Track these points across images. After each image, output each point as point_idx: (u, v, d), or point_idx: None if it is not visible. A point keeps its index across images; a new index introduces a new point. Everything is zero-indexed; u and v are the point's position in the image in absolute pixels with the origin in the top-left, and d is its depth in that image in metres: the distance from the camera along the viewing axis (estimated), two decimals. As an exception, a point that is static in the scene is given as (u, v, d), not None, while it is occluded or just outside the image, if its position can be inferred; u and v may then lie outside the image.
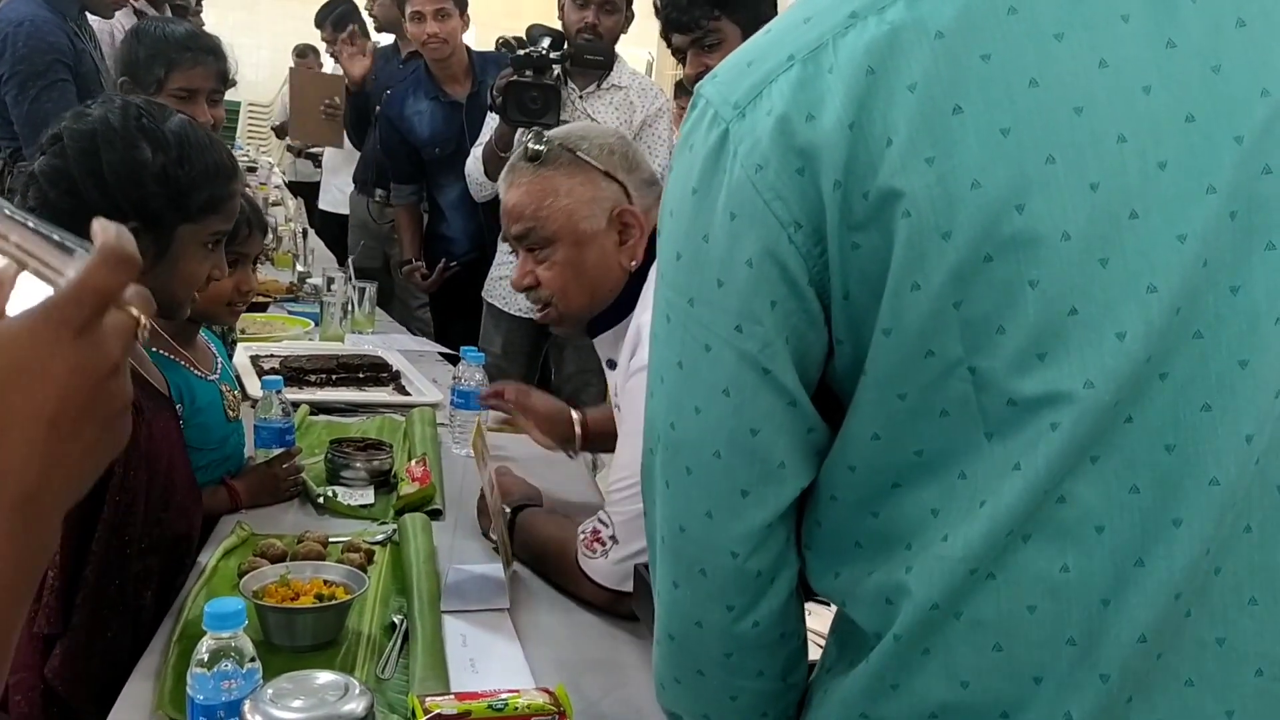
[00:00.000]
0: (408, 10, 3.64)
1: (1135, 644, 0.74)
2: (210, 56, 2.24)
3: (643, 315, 1.52)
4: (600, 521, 1.52)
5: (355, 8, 5.38)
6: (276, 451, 1.92)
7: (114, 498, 1.35)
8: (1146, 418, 0.72)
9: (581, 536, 1.54)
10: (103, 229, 0.54)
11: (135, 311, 0.56)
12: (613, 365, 1.67)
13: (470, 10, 3.74)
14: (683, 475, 0.82)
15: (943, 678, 0.78)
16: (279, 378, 2.04)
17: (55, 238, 0.54)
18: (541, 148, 1.57)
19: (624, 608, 1.50)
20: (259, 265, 4.09)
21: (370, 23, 4.99)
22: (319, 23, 5.56)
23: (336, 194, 5.14)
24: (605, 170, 1.57)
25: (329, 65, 5.95)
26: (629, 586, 1.48)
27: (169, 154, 1.42)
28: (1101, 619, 0.74)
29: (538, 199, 1.57)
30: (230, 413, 1.82)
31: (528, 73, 2.89)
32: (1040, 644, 0.75)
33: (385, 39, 4.90)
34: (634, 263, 1.58)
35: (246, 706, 0.98)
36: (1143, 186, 0.71)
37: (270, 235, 4.40)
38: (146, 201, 1.41)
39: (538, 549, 1.64)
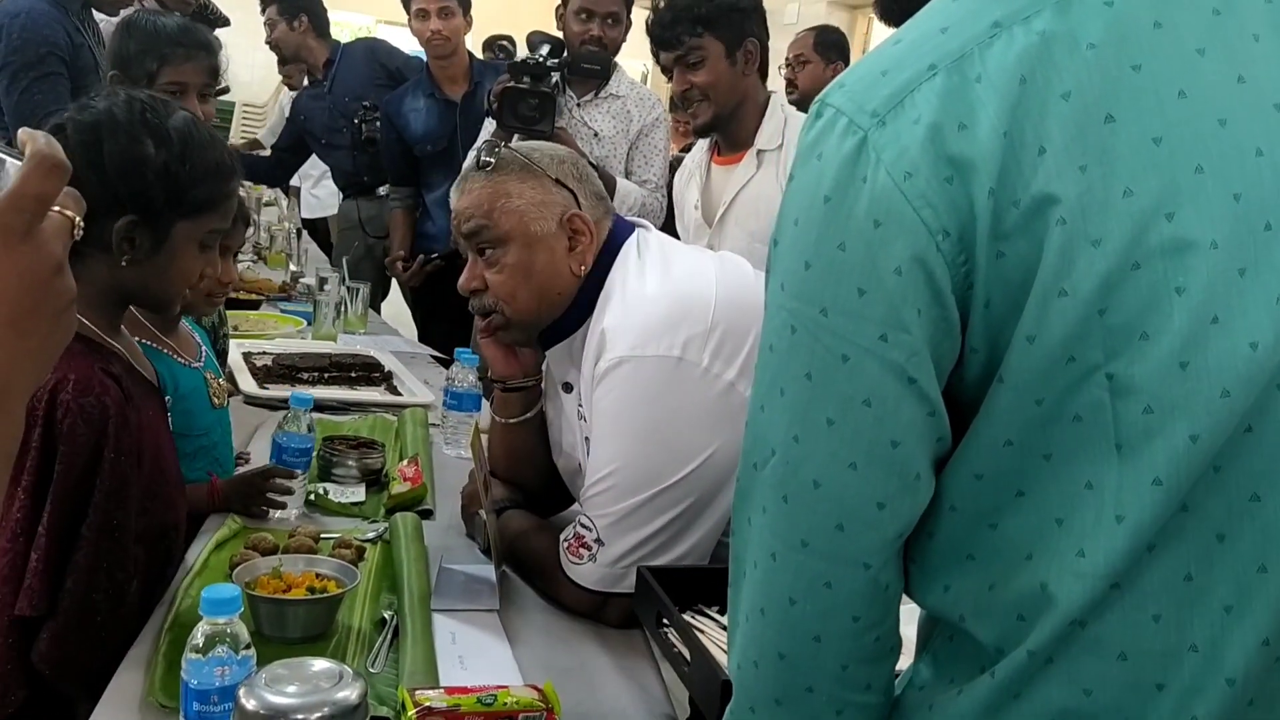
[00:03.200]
0: (412, 8, 3.68)
1: (1259, 648, 0.76)
2: (202, 52, 2.22)
3: (603, 321, 1.53)
4: (582, 526, 1.52)
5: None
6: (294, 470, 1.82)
7: (104, 483, 1.35)
8: (1264, 427, 0.74)
9: (564, 544, 1.54)
10: (31, 138, 0.59)
11: (70, 212, 0.61)
12: (569, 389, 1.66)
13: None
14: (807, 489, 0.80)
15: (1066, 686, 0.78)
16: (310, 395, 1.93)
17: None
18: (492, 158, 1.59)
19: (610, 613, 1.51)
20: (252, 263, 4.13)
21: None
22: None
23: (310, 199, 5.26)
24: (555, 177, 1.59)
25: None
26: (623, 588, 1.49)
27: (171, 150, 1.42)
28: (1224, 625, 0.76)
29: (489, 200, 1.57)
30: (215, 400, 1.81)
31: (525, 79, 2.91)
32: (1164, 652, 0.77)
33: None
34: (583, 268, 1.58)
35: (241, 691, 0.98)
36: (1276, 200, 0.73)
37: (256, 230, 4.44)
38: (146, 195, 1.41)
39: (519, 554, 1.65)
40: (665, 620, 1.33)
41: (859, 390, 0.77)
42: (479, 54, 4.12)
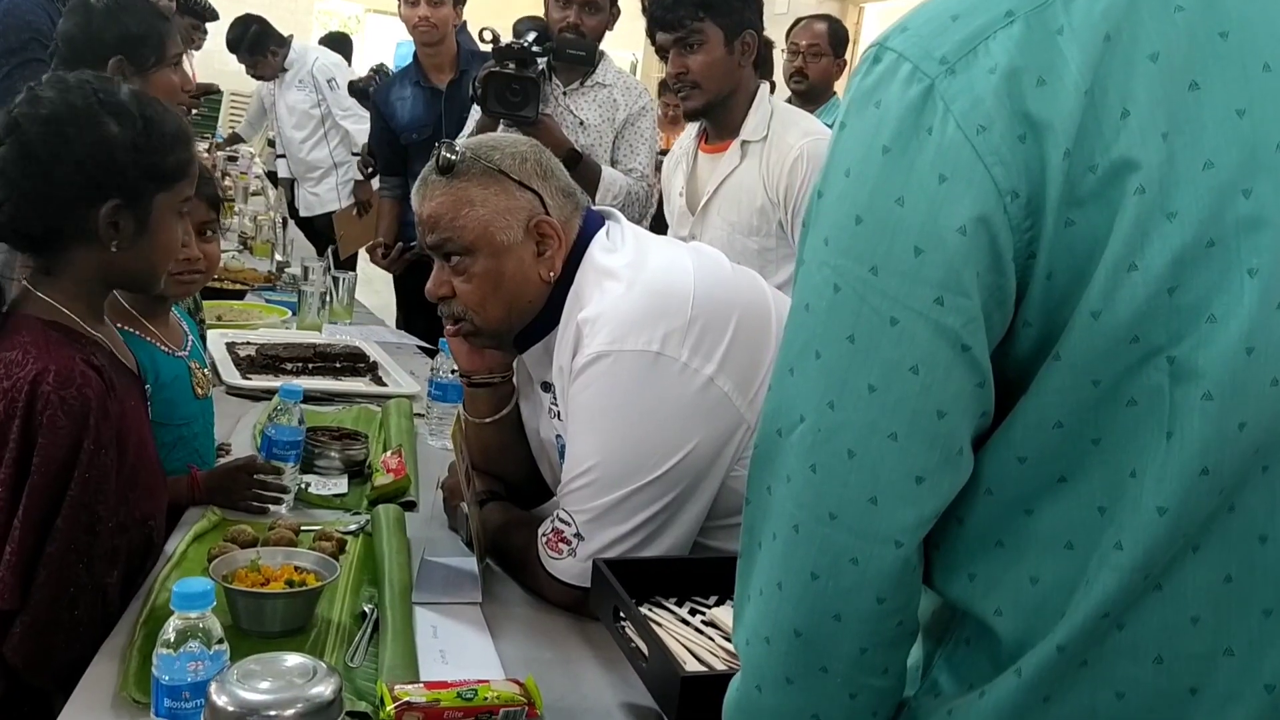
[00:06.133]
0: None
1: None
2: (167, 22, 2.30)
3: (579, 313, 1.51)
4: (560, 521, 1.50)
5: (266, 26, 5.39)
6: (282, 464, 1.77)
7: (83, 475, 1.34)
8: None
9: (543, 538, 1.52)
10: None
11: None
12: (547, 388, 1.64)
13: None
14: (840, 459, 0.75)
15: (1099, 689, 0.76)
16: (299, 387, 1.86)
17: None
18: (454, 158, 1.54)
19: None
20: (237, 253, 4.10)
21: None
22: (233, 47, 5.43)
23: (310, 197, 5.30)
24: (519, 180, 1.54)
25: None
26: None
27: (135, 125, 1.41)
28: (1262, 630, 0.74)
29: (453, 209, 1.53)
30: (198, 390, 1.79)
31: (509, 65, 2.88)
32: (1200, 656, 0.74)
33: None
34: (552, 274, 1.55)
35: (213, 688, 0.96)
36: None
37: (246, 219, 4.42)
38: (123, 175, 1.40)
39: (501, 547, 1.64)
40: (622, 614, 1.31)
41: (907, 356, 0.72)
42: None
